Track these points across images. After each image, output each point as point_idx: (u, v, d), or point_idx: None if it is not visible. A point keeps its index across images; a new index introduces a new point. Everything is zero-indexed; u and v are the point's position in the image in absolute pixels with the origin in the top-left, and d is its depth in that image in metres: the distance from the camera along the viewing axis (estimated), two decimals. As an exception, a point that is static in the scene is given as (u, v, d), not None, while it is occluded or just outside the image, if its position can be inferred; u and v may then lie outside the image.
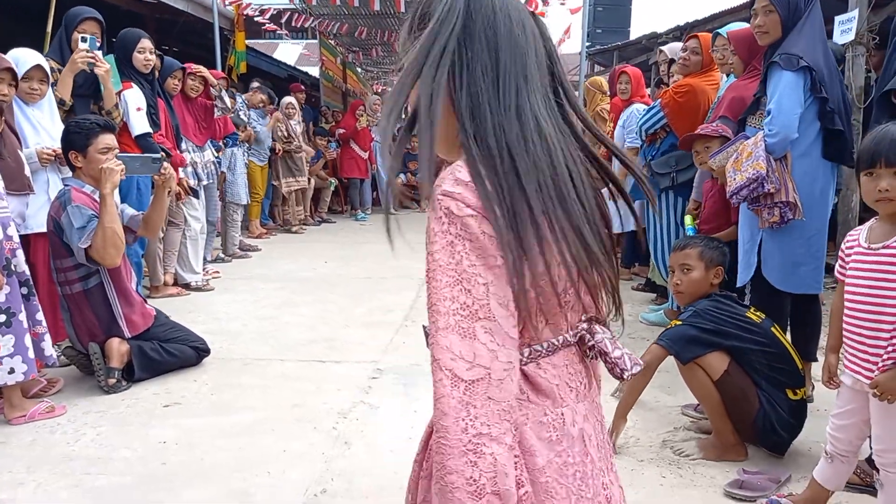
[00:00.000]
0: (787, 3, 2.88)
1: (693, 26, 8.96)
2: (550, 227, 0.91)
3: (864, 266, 2.00)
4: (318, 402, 3.05)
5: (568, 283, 0.96)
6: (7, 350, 2.71)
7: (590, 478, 1.01)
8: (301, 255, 6.82)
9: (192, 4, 8.59)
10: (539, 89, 0.98)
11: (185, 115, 5.18)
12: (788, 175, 2.82)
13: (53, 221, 3.04)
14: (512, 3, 1.00)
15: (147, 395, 3.12)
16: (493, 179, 0.91)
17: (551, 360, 1.01)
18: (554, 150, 0.95)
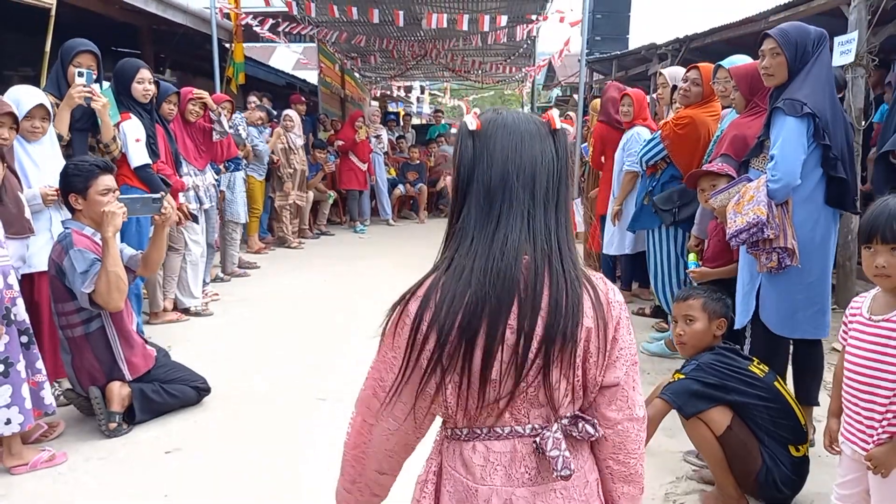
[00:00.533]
0: (795, 46, 2.88)
1: (692, 39, 8.96)
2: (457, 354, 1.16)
3: (864, 337, 2.00)
4: (322, 446, 3.04)
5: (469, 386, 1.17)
6: (4, 401, 2.70)
7: None
8: (299, 273, 6.81)
9: (191, 17, 8.56)
10: (523, 213, 1.19)
11: (185, 139, 5.16)
12: (788, 221, 2.82)
13: (55, 266, 3.02)
14: (510, 145, 1.21)
15: (148, 440, 3.11)
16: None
17: (490, 443, 1.21)
18: (535, 265, 1.17)
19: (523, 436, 1.21)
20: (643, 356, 4.32)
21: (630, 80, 12.53)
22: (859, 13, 5.55)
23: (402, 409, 1.23)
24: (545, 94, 21.59)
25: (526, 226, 1.19)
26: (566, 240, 1.22)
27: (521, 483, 1.20)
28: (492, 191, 1.19)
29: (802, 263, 2.83)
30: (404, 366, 1.19)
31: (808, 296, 2.90)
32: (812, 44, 2.87)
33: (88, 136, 3.86)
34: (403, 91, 20.08)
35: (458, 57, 14.76)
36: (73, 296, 3.02)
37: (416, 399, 1.21)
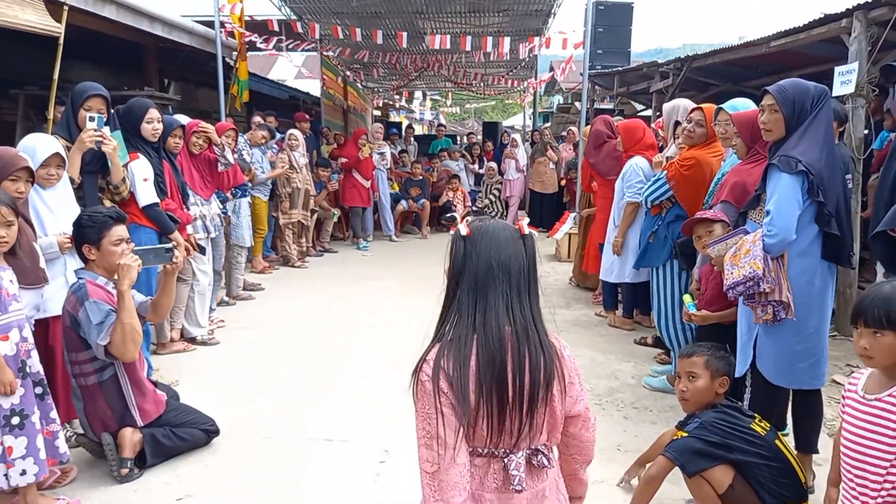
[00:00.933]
0: (793, 104, 2.93)
1: (693, 59, 9.01)
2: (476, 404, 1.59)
3: (858, 415, 2.07)
4: (329, 495, 3.09)
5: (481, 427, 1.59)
6: (20, 452, 2.75)
7: None
8: (303, 295, 6.87)
9: (196, 38, 8.62)
10: (513, 295, 1.64)
11: (192, 170, 5.21)
12: (784, 274, 2.88)
13: (70, 316, 3.07)
14: (493, 246, 1.65)
15: (159, 485, 3.17)
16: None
17: (472, 459, 1.64)
18: (517, 342, 1.61)
19: (497, 456, 1.66)
20: (645, 391, 4.37)
21: (632, 96, 12.61)
22: (859, 44, 5.60)
23: (451, 447, 1.59)
24: (546, 100, 21.65)
25: (505, 306, 1.62)
26: (538, 315, 1.67)
27: (490, 490, 1.66)
28: (479, 280, 1.63)
29: (799, 316, 2.88)
30: (438, 420, 1.58)
31: (806, 347, 2.95)
32: (811, 101, 2.92)
33: (98, 177, 3.91)
34: (405, 100, 20.13)
35: (460, 70, 14.83)
36: (87, 345, 3.07)
37: (456, 433, 1.59)
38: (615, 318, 5.83)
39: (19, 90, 8.13)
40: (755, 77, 9.03)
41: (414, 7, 10.55)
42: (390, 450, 3.53)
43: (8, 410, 2.72)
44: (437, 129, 15.81)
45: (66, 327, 3.10)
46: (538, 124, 16.83)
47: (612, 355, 5.05)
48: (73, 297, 3.09)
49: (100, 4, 6.50)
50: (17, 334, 2.78)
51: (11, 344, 2.75)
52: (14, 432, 2.74)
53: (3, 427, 2.71)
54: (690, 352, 2.79)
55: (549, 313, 5.30)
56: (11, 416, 2.73)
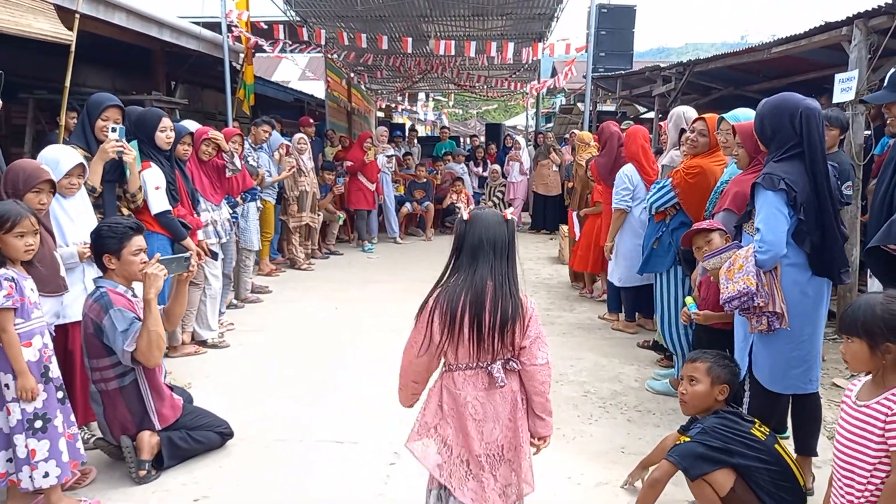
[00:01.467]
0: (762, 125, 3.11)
1: (696, 63, 9.10)
2: (458, 328, 2.26)
3: (848, 419, 2.19)
4: (340, 496, 3.19)
5: (461, 348, 2.29)
6: (42, 455, 2.86)
7: (465, 419, 2.32)
8: (310, 298, 6.97)
9: (203, 43, 8.72)
10: (497, 260, 2.30)
11: (202, 177, 5.31)
12: (777, 285, 2.96)
13: (93, 324, 3.16)
14: (484, 227, 2.31)
15: (176, 486, 3.26)
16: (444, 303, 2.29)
17: (465, 372, 2.33)
18: (495, 290, 2.27)
19: (482, 367, 2.33)
20: (648, 394, 4.46)
21: (635, 98, 12.70)
22: (859, 52, 5.67)
23: (425, 356, 2.34)
24: (548, 100, 21.71)
25: (489, 268, 2.28)
26: (513, 276, 2.32)
27: (480, 390, 2.33)
28: (473, 249, 2.30)
29: (793, 325, 2.96)
30: (425, 335, 2.31)
31: (800, 354, 3.03)
32: (797, 118, 2.96)
33: (115, 186, 4.01)
34: (408, 102, 20.22)
35: (463, 72, 14.91)
36: (109, 352, 3.17)
37: (433, 352, 2.32)
38: (619, 322, 5.92)
39: (28, 94, 8.23)
40: (757, 81, 9.12)
41: (418, 11, 10.64)
42: (400, 451, 3.62)
43: (31, 414, 2.83)
44: (441, 132, 15.90)
45: (88, 334, 3.19)
46: (541, 125, 16.92)
47: (615, 359, 5.14)
48: (96, 305, 3.18)
49: (110, 11, 6.61)
50: (39, 340, 2.89)
51: (34, 350, 2.85)
52: (37, 435, 2.85)
53: (27, 430, 2.81)
54: (695, 357, 2.88)
55: (553, 316, 5.42)
56: (35, 419, 2.84)
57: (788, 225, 2.90)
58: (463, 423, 2.33)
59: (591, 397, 4.40)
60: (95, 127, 3.90)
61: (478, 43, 10.48)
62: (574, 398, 4.38)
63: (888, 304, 2.11)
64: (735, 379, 2.83)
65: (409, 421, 2.40)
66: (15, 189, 3.05)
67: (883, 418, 2.08)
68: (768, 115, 3.04)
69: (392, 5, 10.28)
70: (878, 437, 2.08)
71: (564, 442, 3.76)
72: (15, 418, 2.80)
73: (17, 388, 2.77)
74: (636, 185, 5.36)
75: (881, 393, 2.12)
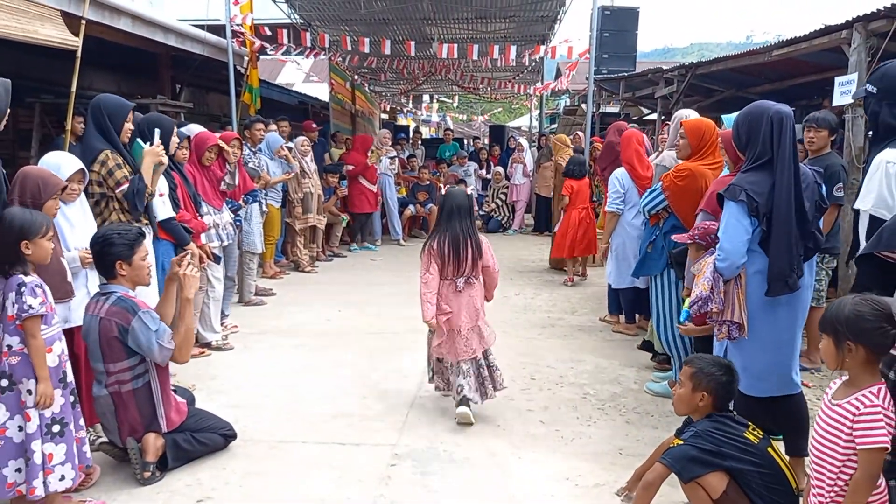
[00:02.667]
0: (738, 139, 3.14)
1: (698, 66, 9.13)
2: (447, 260, 4.02)
3: (823, 416, 2.28)
4: (342, 497, 3.24)
5: (449, 269, 4.03)
6: (59, 458, 2.92)
7: (450, 312, 4.04)
8: (314, 301, 7.02)
9: (208, 47, 8.79)
10: (463, 218, 4.04)
11: (203, 181, 5.36)
12: (740, 294, 2.99)
13: (118, 327, 3.21)
14: (454, 199, 4.10)
15: (180, 487, 3.32)
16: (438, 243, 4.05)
17: (452, 281, 4.05)
18: (462, 236, 4.02)
19: (453, 280, 4.03)
20: (647, 396, 4.50)
21: (638, 100, 12.73)
22: (859, 55, 5.71)
23: (435, 274, 4.00)
24: (553, 101, 21.74)
25: (460, 224, 3.99)
26: (472, 228, 4.03)
27: (452, 293, 4.04)
28: (451, 213, 4.02)
29: (763, 331, 3.00)
30: (428, 263, 4.00)
31: (774, 359, 3.07)
32: (767, 126, 3.00)
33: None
34: (412, 104, 20.28)
35: (467, 74, 14.96)
36: (129, 354, 3.25)
37: (432, 272, 3.99)
38: (620, 324, 5.97)
39: (35, 98, 8.30)
40: (759, 83, 9.15)
41: (421, 14, 10.69)
42: (400, 453, 3.68)
43: (49, 419, 2.90)
44: (445, 134, 15.96)
45: (111, 338, 3.23)
46: (545, 126, 16.95)
47: (615, 360, 5.18)
48: (119, 308, 3.23)
49: (116, 17, 6.67)
50: (59, 346, 2.98)
51: (54, 356, 2.94)
52: (55, 440, 2.92)
53: (45, 435, 2.87)
54: (688, 360, 2.92)
55: (554, 318, 5.45)
56: (52, 424, 2.91)
57: (749, 234, 2.95)
58: (445, 310, 4.06)
59: (591, 399, 4.45)
60: (123, 130, 4.03)
61: (481, 45, 10.52)
62: (574, 400, 4.42)
63: (857, 305, 2.21)
64: (720, 387, 2.80)
65: (410, 424, 2.46)
66: (35, 197, 3.12)
67: (852, 417, 2.17)
68: (743, 122, 3.11)
69: (395, 9, 10.34)
70: (846, 435, 2.18)
71: (563, 443, 3.81)
72: (34, 424, 2.85)
73: (36, 394, 2.84)
74: (627, 188, 5.52)
75: (853, 393, 2.21)
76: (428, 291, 3.96)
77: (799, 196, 2.96)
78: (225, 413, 3.95)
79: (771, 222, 2.94)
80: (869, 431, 2.14)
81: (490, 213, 12.42)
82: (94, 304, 3.28)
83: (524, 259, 9.65)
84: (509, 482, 3.40)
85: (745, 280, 2.99)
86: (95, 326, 3.23)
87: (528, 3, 10.13)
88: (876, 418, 2.15)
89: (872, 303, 2.24)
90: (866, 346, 2.21)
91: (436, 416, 4.17)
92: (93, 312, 3.26)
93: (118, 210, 4.06)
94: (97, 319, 3.23)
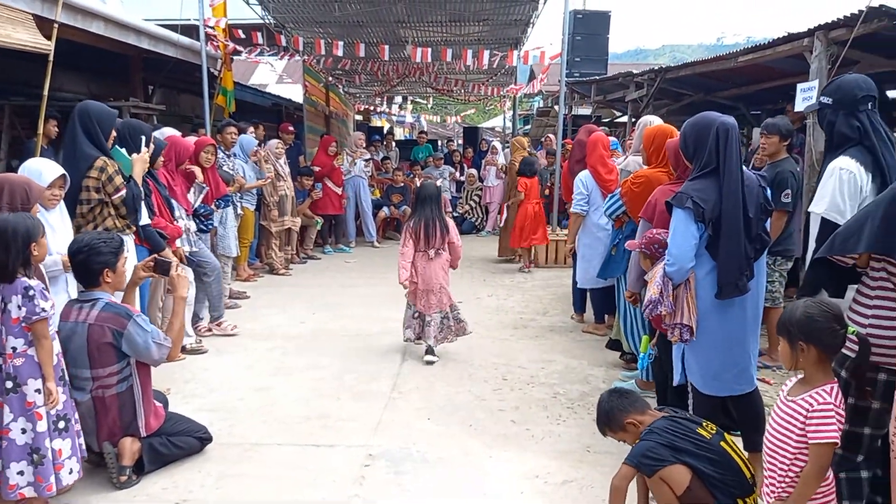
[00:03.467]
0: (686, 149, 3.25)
1: (667, 70, 9.31)
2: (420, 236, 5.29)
3: (778, 412, 2.42)
4: (317, 498, 3.31)
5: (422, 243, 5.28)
6: (66, 453, 3.07)
7: (419, 274, 5.30)
8: (289, 304, 7.06)
9: (181, 49, 8.77)
10: (432, 204, 5.33)
11: (174, 186, 5.37)
12: (690, 298, 3.10)
13: (112, 332, 3.27)
14: (426, 189, 5.42)
15: (157, 491, 3.36)
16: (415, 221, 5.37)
17: (423, 252, 5.28)
18: (431, 218, 5.29)
19: (426, 252, 5.27)
20: (615, 396, 4.61)
21: (609, 103, 12.91)
22: (820, 62, 5.88)
23: (406, 248, 5.25)
24: (526, 102, 21.90)
25: (430, 210, 5.26)
26: (442, 212, 5.37)
27: (423, 262, 5.27)
28: (423, 201, 5.31)
29: (716, 330, 3.11)
30: (405, 239, 5.28)
31: (729, 359, 3.17)
32: (712, 137, 3.11)
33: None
34: (387, 105, 20.31)
35: (441, 77, 15.05)
36: (118, 358, 3.32)
37: (409, 245, 5.26)
38: (589, 325, 6.10)
39: (5, 100, 8.23)
40: (726, 88, 9.34)
41: (395, 17, 10.75)
42: (374, 453, 3.75)
43: (55, 416, 3.01)
44: (419, 136, 16.03)
45: (103, 344, 3.28)
46: (518, 128, 17.09)
47: (584, 360, 5.31)
48: (112, 314, 3.30)
49: (88, 20, 6.64)
50: (57, 346, 3.06)
51: (54, 355, 3.02)
52: (62, 435, 3.05)
53: (54, 432, 2.99)
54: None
55: (527, 319, 5.56)
56: (58, 420, 3.03)
57: (697, 240, 3.06)
58: (419, 274, 5.25)
59: (561, 399, 4.56)
60: (110, 136, 4.16)
61: (455, 49, 10.61)
62: (544, 400, 4.53)
63: (808, 307, 2.34)
64: (621, 416, 2.99)
65: (382, 426, 2.53)
66: (24, 202, 3.20)
67: (805, 413, 2.31)
68: (690, 133, 3.22)
69: (369, 11, 10.38)
70: (799, 430, 2.32)
71: (534, 442, 3.91)
72: (44, 423, 2.95)
73: (44, 394, 2.94)
74: (591, 190, 5.68)
75: (807, 390, 2.35)
76: (404, 260, 5.18)
77: (745, 202, 3.08)
78: (200, 416, 3.99)
79: (718, 228, 3.06)
80: (821, 427, 2.28)
81: (464, 215, 12.52)
82: (78, 311, 3.32)
83: (498, 260, 9.76)
84: (481, 481, 3.49)
85: (694, 284, 3.11)
86: (83, 333, 3.27)
87: (501, 6, 10.24)
88: (828, 415, 2.28)
89: (822, 305, 2.38)
90: (817, 347, 2.34)
91: (409, 416, 4.25)
92: (77, 319, 3.30)
93: (113, 216, 4.14)
94: (85, 326, 3.27)
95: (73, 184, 3.89)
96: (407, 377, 4.94)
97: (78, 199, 4.01)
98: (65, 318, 3.32)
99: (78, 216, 4.05)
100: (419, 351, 5.41)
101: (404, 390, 4.67)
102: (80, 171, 3.99)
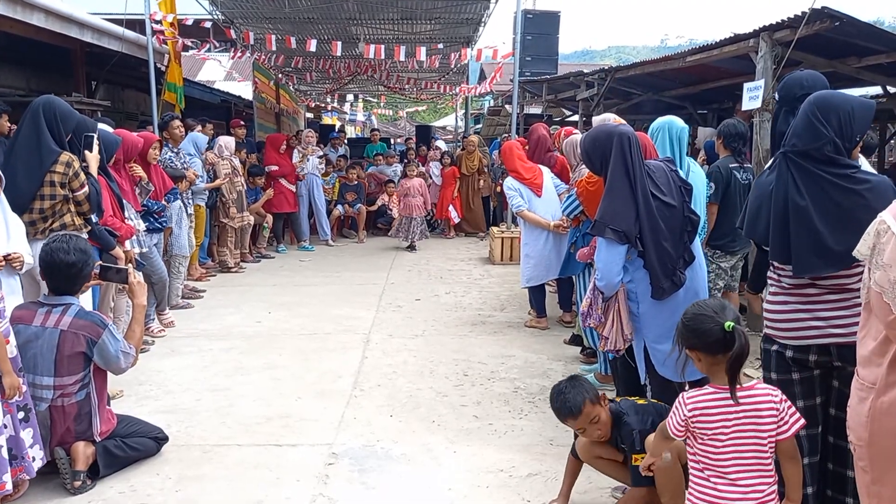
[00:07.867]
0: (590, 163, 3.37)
1: (617, 70, 9.47)
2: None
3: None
4: (280, 498, 3.26)
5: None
6: (29, 441, 3.03)
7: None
8: (243, 302, 6.94)
9: (127, 44, 8.53)
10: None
11: (123, 183, 5.23)
12: (621, 309, 3.21)
13: (87, 341, 3.20)
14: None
15: (113, 496, 3.26)
16: None
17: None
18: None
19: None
20: (575, 389, 4.67)
21: (560, 102, 13.06)
22: (765, 62, 6.06)
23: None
24: (477, 101, 22.00)
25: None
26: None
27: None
28: None
29: (661, 321, 3.16)
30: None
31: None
32: (607, 149, 3.19)
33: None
34: (338, 103, 20.15)
35: (393, 75, 15.00)
36: (85, 366, 3.26)
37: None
38: (531, 319, 6.19)
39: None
40: (674, 87, 9.56)
41: (347, 14, 10.68)
42: (337, 452, 3.71)
43: (15, 407, 2.95)
44: (372, 134, 15.94)
45: (76, 353, 3.21)
46: (469, 126, 17.16)
47: (543, 355, 5.36)
48: (89, 322, 3.24)
49: (28, 12, 6.41)
50: (13, 338, 2.96)
51: (11, 346, 2.93)
52: (23, 425, 3.01)
53: (20, 422, 2.96)
54: (570, 411, 3.04)
55: (485, 315, 5.59)
56: (18, 411, 2.99)
57: (623, 256, 3.14)
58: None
59: (521, 393, 4.59)
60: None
61: (407, 47, 10.59)
62: (505, 394, 4.56)
63: (684, 316, 2.36)
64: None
65: (345, 424, 2.51)
66: None
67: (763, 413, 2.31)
68: (590, 149, 3.30)
69: (321, 8, 10.29)
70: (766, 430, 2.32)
71: (496, 436, 3.93)
72: (15, 417, 2.93)
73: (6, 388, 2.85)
74: (519, 189, 5.94)
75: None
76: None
77: (658, 215, 3.12)
78: (156, 419, 3.89)
79: (643, 239, 3.13)
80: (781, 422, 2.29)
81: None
82: (45, 315, 3.22)
83: (453, 258, 9.78)
84: (445, 476, 3.49)
85: (624, 297, 3.20)
86: (52, 339, 3.18)
87: (453, 5, 10.27)
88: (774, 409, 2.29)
89: (696, 308, 2.35)
90: (700, 351, 2.32)
91: (372, 414, 4.23)
92: (45, 324, 3.20)
93: (72, 213, 4.09)
94: (56, 332, 3.18)
95: (33, 179, 3.85)
96: (368, 374, 4.91)
97: (37, 194, 3.91)
98: (23, 321, 3.20)
99: (35, 212, 3.93)
100: (381, 348, 5.39)
101: (366, 388, 4.64)
102: (44, 165, 3.90)
